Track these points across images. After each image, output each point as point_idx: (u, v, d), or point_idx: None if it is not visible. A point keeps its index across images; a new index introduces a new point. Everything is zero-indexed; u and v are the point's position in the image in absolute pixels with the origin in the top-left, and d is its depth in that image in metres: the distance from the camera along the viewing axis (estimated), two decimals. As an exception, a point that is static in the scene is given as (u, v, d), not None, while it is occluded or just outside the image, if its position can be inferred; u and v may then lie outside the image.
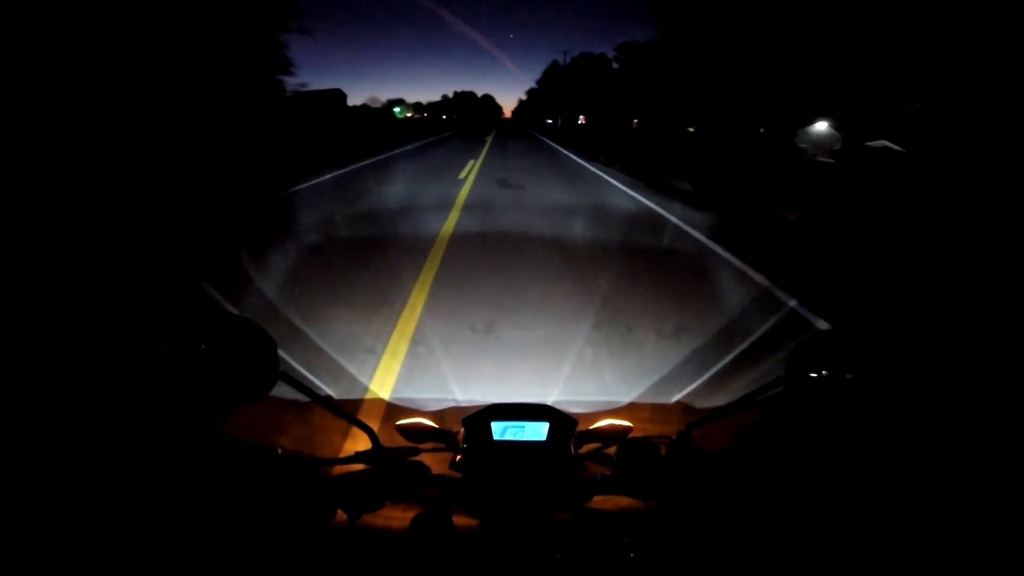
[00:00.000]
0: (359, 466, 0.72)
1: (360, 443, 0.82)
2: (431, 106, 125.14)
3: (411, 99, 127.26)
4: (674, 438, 0.77)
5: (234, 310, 3.13)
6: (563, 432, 0.76)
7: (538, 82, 73.24)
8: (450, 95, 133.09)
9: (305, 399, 0.69)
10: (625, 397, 2.52)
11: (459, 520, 0.70)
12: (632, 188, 10.83)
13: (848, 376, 0.62)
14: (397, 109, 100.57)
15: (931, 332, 3.29)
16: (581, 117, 51.02)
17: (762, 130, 32.02)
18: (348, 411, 0.72)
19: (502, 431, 0.75)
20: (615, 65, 49.30)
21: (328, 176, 10.78)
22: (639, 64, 41.02)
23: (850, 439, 0.72)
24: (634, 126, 47.02)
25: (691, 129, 42.73)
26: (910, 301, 4.15)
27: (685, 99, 34.50)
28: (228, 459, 0.73)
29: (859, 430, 0.68)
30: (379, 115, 71.81)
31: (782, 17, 27.42)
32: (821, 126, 28.96)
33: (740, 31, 29.79)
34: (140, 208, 6.83)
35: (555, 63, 64.34)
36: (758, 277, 4.67)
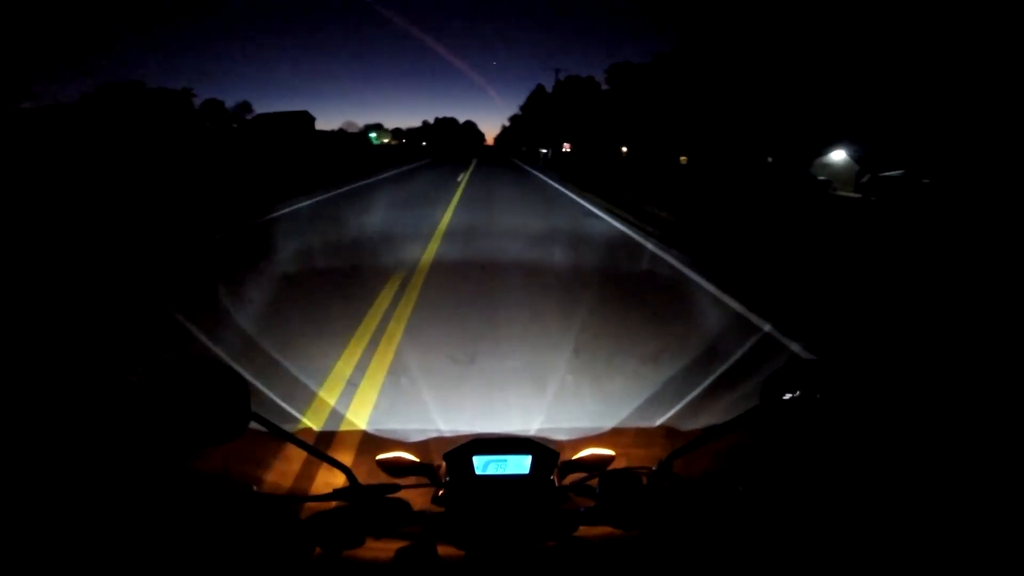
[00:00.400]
0: (338, 504, 0.70)
1: (339, 476, 0.80)
2: (411, 132, 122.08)
3: (391, 124, 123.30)
4: (655, 468, 0.79)
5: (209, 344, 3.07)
6: (546, 464, 0.76)
7: (522, 107, 69.62)
8: (431, 121, 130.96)
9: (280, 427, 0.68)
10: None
11: (443, 553, 0.70)
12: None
13: (823, 402, 0.64)
14: (373, 135, 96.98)
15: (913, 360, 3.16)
16: (566, 145, 48.36)
17: (770, 159, 28.71)
18: (327, 441, 0.75)
19: (484, 465, 0.75)
20: (604, 87, 46.24)
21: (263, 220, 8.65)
22: (632, 86, 37.90)
23: (828, 465, 0.76)
24: (623, 154, 43.65)
25: (683, 159, 39.50)
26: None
27: (685, 122, 31.23)
28: (202, 498, 0.73)
29: (837, 456, 0.71)
30: (354, 141, 67.59)
31: (804, 33, 24.32)
32: (838, 155, 25.52)
33: (756, 47, 26.56)
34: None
35: (540, 87, 61.19)
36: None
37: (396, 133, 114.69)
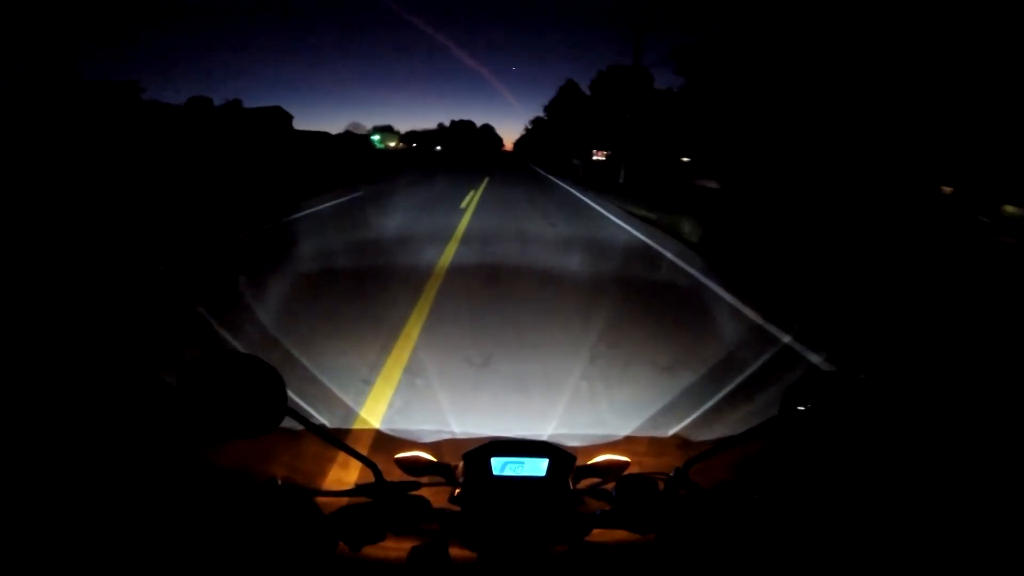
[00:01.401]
0: (360, 498, 0.73)
1: (353, 472, 0.86)
2: (424, 135, 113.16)
3: (406, 127, 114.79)
4: (672, 474, 0.79)
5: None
6: (562, 468, 0.77)
7: (547, 107, 59.64)
8: (446, 124, 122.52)
9: (299, 427, 0.71)
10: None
11: (457, 553, 0.72)
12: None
13: (842, 415, 0.64)
14: (376, 137, 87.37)
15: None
16: (599, 153, 39.78)
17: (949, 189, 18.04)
18: (341, 439, 0.73)
19: (502, 467, 0.76)
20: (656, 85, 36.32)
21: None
22: (710, 72, 27.77)
23: (845, 477, 0.76)
24: (683, 164, 33.65)
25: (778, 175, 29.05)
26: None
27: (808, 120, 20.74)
28: (228, 490, 0.76)
29: (854, 469, 0.72)
30: (352, 144, 58.45)
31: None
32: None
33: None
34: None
35: (570, 82, 50.99)
36: None
37: (407, 136, 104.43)
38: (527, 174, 27.67)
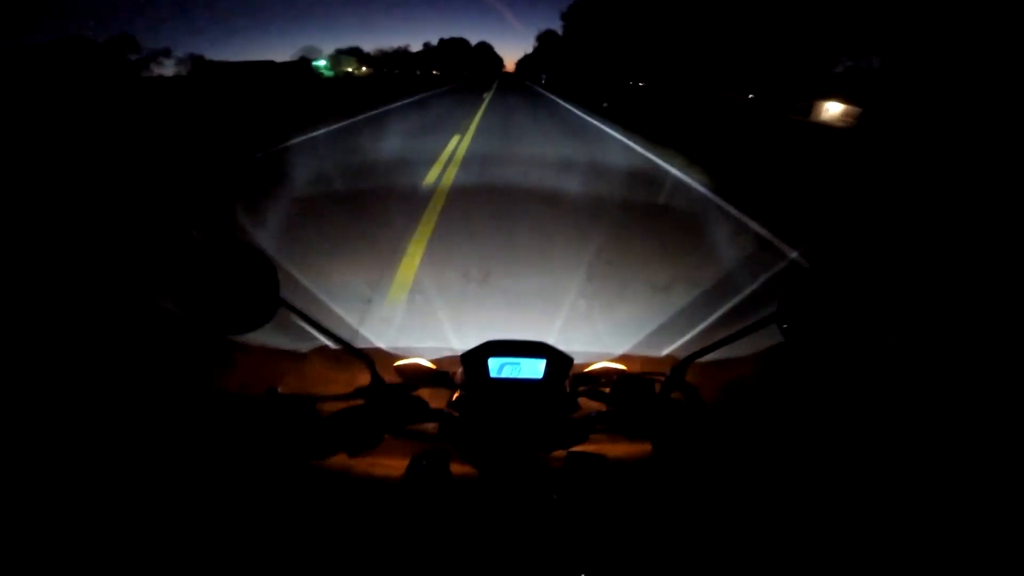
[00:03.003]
0: (358, 402, 0.80)
1: (357, 380, 0.88)
2: (399, 56, 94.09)
3: (389, 48, 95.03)
4: (668, 374, 0.84)
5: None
6: (559, 370, 0.82)
7: (564, 15, 43.94)
8: (433, 43, 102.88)
9: (299, 350, 0.80)
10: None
11: (456, 459, 0.76)
12: None
13: (840, 314, 0.69)
14: (322, 62, 68.08)
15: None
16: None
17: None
18: (345, 353, 0.80)
19: (499, 368, 0.81)
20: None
21: None
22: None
23: (844, 382, 0.82)
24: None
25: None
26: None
27: None
28: (228, 400, 0.84)
29: (852, 372, 0.79)
30: (285, 74, 42.76)
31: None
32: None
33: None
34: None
35: None
36: None
37: (378, 60, 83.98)
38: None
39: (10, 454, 0.75)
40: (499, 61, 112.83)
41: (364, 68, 79.63)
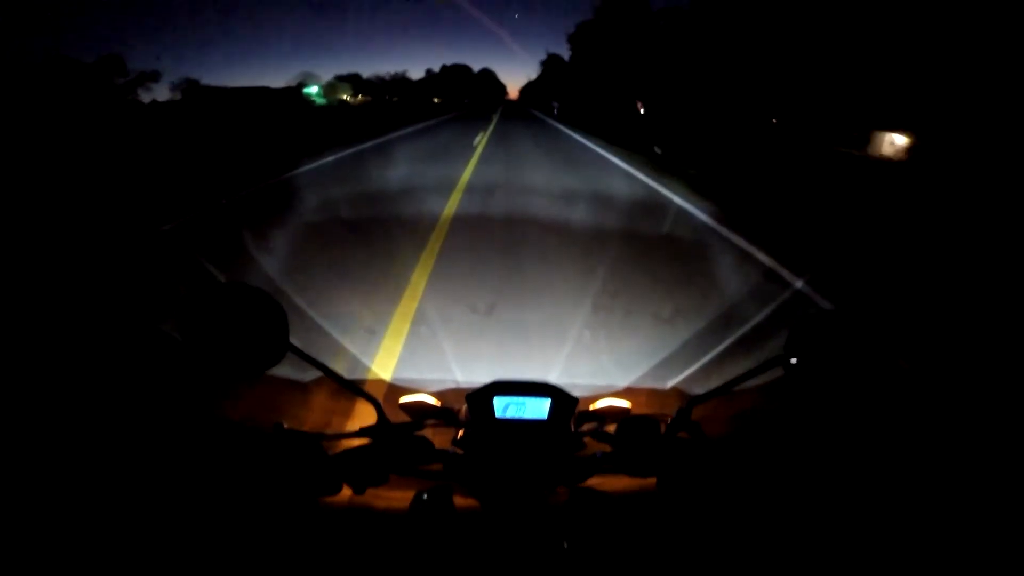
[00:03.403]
0: (364, 441, 0.82)
1: (358, 421, 0.92)
2: (397, 84, 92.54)
3: (387, 74, 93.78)
4: (674, 415, 0.85)
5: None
6: (564, 410, 0.84)
7: (571, 38, 42.89)
8: (435, 69, 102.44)
9: (303, 380, 0.81)
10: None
11: (460, 496, 0.79)
12: None
13: (848, 358, 0.70)
14: (314, 89, 65.40)
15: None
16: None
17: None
18: (346, 380, 0.82)
19: (504, 408, 0.83)
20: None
21: None
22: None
23: (850, 421, 0.82)
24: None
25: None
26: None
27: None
28: (233, 434, 0.84)
29: (858, 412, 0.78)
30: (273, 102, 41.12)
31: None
32: None
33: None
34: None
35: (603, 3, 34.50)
36: None
37: (375, 87, 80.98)
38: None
39: (12, 467, 0.76)
40: (502, 88, 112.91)
41: (360, 96, 76.65)
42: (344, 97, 75.56)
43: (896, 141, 22.02)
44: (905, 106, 19.67)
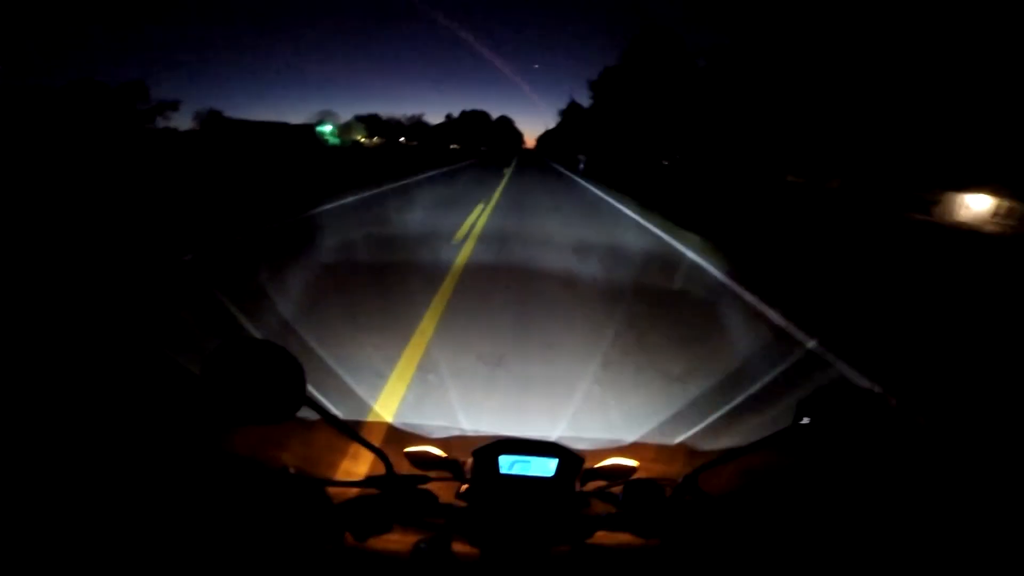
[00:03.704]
0: (369, 490, 0.85)
1: (363, 464, 0.92)
2: (438, 129, 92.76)
3: (403, 117, 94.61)
4: (680, 481, 0.88)
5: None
6: (570, 469, 0.86)
7: (593, 84, 48.18)
8: (455, 115, 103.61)
9: (310, 419, 0.80)
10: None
11: (461, 549, 0.81)
12: None
13: (855, 428, 0.71)
14: (328, 128, 63.84)
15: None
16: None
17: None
18: (353, 430, 0.83)
19: (510, 465, 0.85)
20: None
21: None
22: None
23: (857, 490, 0.83)
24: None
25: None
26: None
27: None
28: (239, 476, 0.84)
29: (865, 482, 0.80)
30: (286, 139, 40.39)
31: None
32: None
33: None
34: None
35: (632, 48, 33.81)
36: None
37: (378, 127, 78.55)
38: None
39: (15, 482, 0.77)
40: (519, 136, 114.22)
41: (375, 138, 75.00)
42: (359, 138, 74.93)
43: (972, 204, 19.93)
44: (985, 160, 17.04)
